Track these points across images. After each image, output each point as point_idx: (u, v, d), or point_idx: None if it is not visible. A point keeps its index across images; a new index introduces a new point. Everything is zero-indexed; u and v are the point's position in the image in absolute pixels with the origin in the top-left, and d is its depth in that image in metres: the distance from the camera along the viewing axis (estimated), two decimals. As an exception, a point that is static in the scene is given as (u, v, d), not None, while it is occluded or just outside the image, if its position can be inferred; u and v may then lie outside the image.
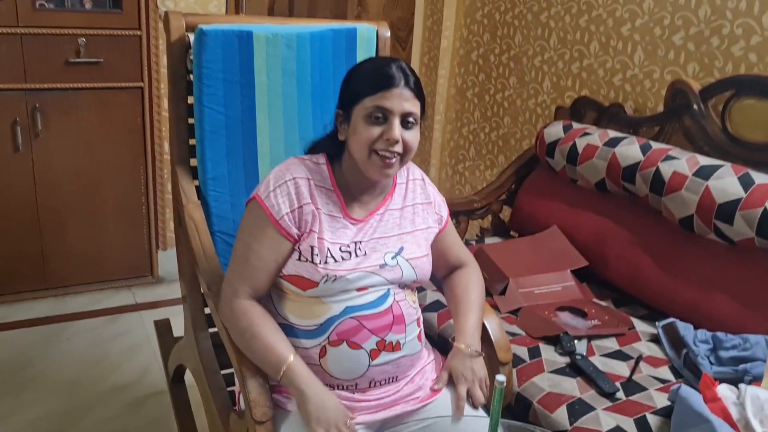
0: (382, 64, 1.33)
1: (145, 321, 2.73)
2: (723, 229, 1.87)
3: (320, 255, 1.30)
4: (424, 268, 1.41)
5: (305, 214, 1.32)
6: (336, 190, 1.37)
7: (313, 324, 1.32)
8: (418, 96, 1.32)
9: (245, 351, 1.31)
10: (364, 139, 1.29)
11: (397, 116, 1.29)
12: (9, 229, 2.72)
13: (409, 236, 1.41)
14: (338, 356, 1.31)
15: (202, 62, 1.65)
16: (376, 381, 1.35)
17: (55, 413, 2.17)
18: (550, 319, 1.97)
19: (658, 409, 1.58)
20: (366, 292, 1.33)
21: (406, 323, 1.36)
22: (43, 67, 2.58)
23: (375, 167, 1.31)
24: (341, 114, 1.36)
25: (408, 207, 1.44)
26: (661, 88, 2.34)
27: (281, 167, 1.37)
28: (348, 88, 1.36)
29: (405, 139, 1.30)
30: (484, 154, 3.31)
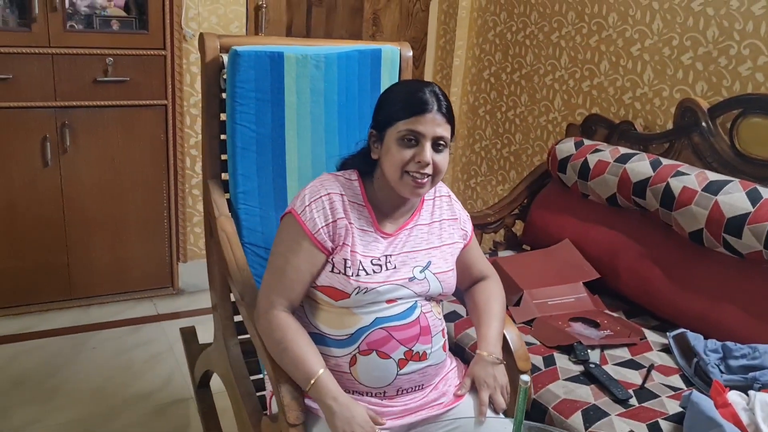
0: (416, 89, 1.38)
1: (166, 331, 2.81)
2: (732, 243, 1.93)
3: (353, 267, 1.36)
4: (449, 282, 1.48)
5: (339, 228, 1.38)
6: (368, 205, 1.44)
7: (344, 334, 1.38)
8: (449, 120, 1.39)
9: (278, 361, 1.37)
10: (397, 161, 1.36)
11: (429, 140, 1.35)
12: (37, 241, 2.80)
13: (437, 251, 1.48)
14: (368, 365, 1.37)
15: (236, 82, 1.73)
16: (402, 389, 1.41)
17: (82, 418, 2.24)
18: (563, 329, 2.03)
19: (670, 415, 1.64)
20: (395, 304, 1.40)
21: (432, 334, 1.43)
22: (72, 85, 2.67)
23: (407, 187, 1.38)
24: (375, 134, 1.43)
25: (435, 222, 1.51)
26: (671, 106, 2.42)
27: (316, 183, 1.44)
28: (382, 109, 1.42)
29: (435, 161, 1.36)
30: (495, 170, 3.39)
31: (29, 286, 2.85)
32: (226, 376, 1.75)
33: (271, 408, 1.51)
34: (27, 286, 2.84)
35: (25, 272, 2.82)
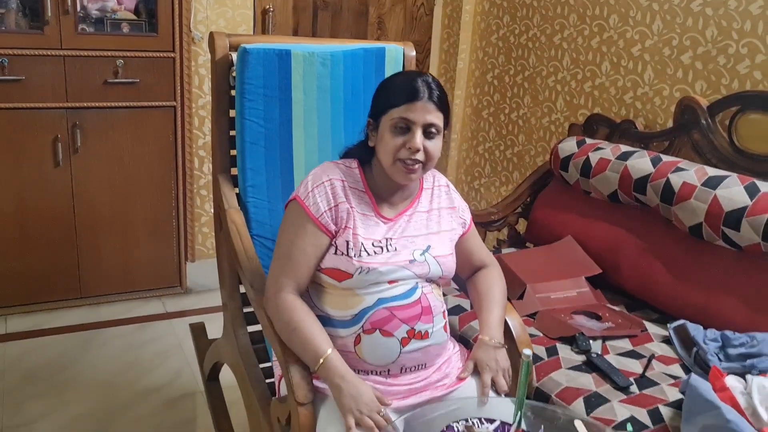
0: (409, 78, 1.45)
1: (175, 328, 2.85)
2: (731, 236, 1.97)
3: (355, 249, 1.42)
4: (449, 266, 1.53)
5: (341, 211, 1.45)
6: (368, 191, 1.50)
7: (348, 314, 1.43)
8: (441, 108, 1.44)
9: (287, 342, 1.41)
10: (389, 147, 1.42)
11: (419, 127, 1.41)
12: (48, 240, 2.85)
13: (436, 236, 1.53)
14: (372, 343, 1.42)
15: (245, 79, 1.78)
16: (406, 367, 1.45)
17: (94, 412, 2.28)
18: (566, 321, 2.07)
19: (671, 402, 1.67)
20: (396, 284, 1.45)
21: (433, 314, 1.48)
22: (83, 86, 2.73)
23: (399, 173, 1.44)
24: (371, 123, 1.50)
25: (434, 210, 1.57)
26: (671, 104, 2.46)
27: (318, 170, 1.50)
28: (378, 99, 1.49)
29: (427, 148, 1.42)
30: (499, 171, 3.43)
31: (40, 285, 2.90)
32: (236, 365, 1.79)
33: (280, 392, 1.55)
34: (38, 285, 2.89)
35: (36, 271, 2.87)
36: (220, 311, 2.00)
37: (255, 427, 1.68)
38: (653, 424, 1.59)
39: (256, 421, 1.65)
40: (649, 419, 1.61)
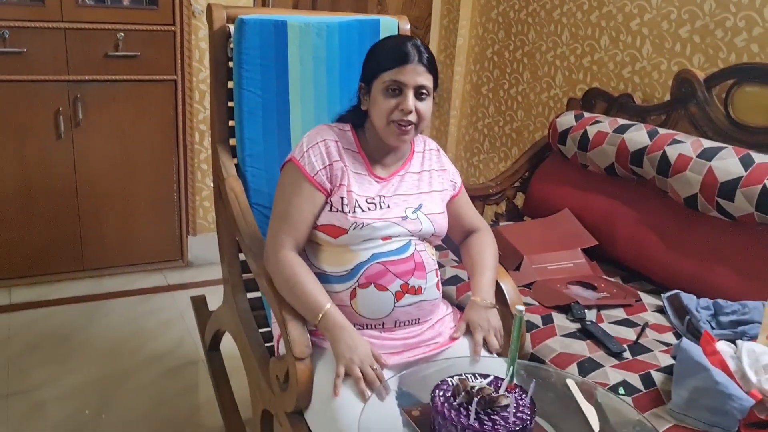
0: (398, 42, 1.50)
1: (176, 300, 2.89)
2: (725, 206, 1.99)
3: (349, 205, 1.47)
4: (440, 224, 1.58)
5: (335, 170, 1.50)
6: (361, 152, 1.55)
7: (344, 270, 1.48)
8: (430, 71, 1.49)
9: (287, 298, 1.46)
10: (382, 109, 1.47)
11: (411, 89, 1.46)
12: (51, 213, 2.88)
13: (427, 196, 1.59)
14: (366, 297, 1.47)
15: (242, 49, 1.81)
16: (400, 321, 1.50)
17: (98, 378, 2.33)
18: (561, 291, 2.10)
19: (662, 367, 1.70)
20: (390, 241, 1.50)
21: (426, 270, 1.52)
22: (84, 59, 2.75)
23: (392, 134, 1.49)
24: (363, 87, 1.54)
25: (425, 172, 1.63)
26: (668, 78, 2.47)
27: (312, 132, 1.55)
28: (369, 63, 1.53)
29: (418, 108, 1.47)
30: (498, 147, 3.45)
31: (43, 257, 2.93)
32: (236, 329, 1.82)
33: (279, 352, 1.58)
34: (41, 257, 2.93)
35: (39, 243, 2.90)
36: (220, 284, 2.04)
37: (255, 390, 1.71)
38: (645, 388, 1.62)
39: (256, 383, 1.68)
40: (641, 383, 1.64)
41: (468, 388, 1.15)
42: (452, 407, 1.13)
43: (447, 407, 1.13)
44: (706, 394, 1.45)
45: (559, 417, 1.28)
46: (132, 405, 2.20)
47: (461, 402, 1.14)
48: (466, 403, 1.13)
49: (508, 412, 1.12)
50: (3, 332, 2.57)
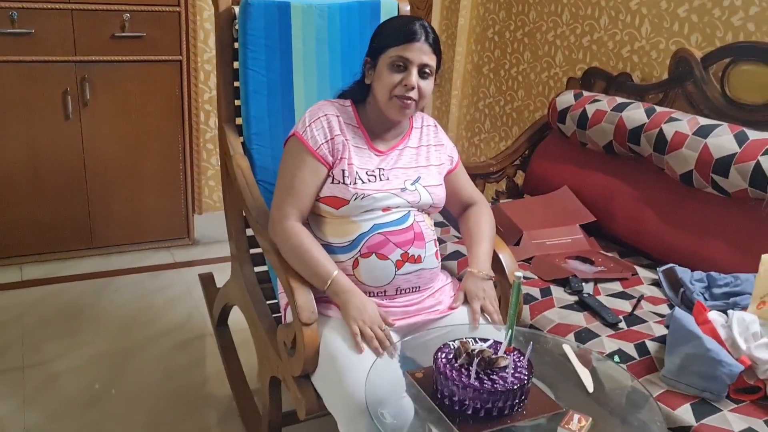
0: (408, 21, 1.56)
1: (184, 277, 2.95)
2: (719, 182, 2.04)
3: (350, 177, 1.54)
4: (438, 195, 1.65)
5: (337, 144, 1.56)
6: (361, 127, 1.62)
7: (346, 240, 1.55)
8: (435, 51, 1.55)
9: (295, 266, 1.52)
10: (387, 83, 1.53)
11: (415, 66, 1.52)
12: (59, 192, 2.94)
13: (425, 169, 1.66)
14: (368, 266, 1.54)
15: (247, 30, 1.86)
16: (401, 289, 1.57)
17: (109, 352, 2.40)
18: (560, 265, 2.16)
19: (657, 337, 1.76)
20: (390, 212, 1.56)
21: (425, 240, 1.59)
22: (91, 40, 2.79)
23: (394, 108, 1.55)
24: (369, 61, 1.60)
25: (423, 147, 1.69)
26: (666, 57, 2.51)
27: (314, 107, 1.62)
28: (377, 38, 1.60)
29: (420, 86, 1.54)
30: (498, 127, 3.50)
31: (53, 235, 2.99)
32: (244, 302, 1.88)
33: (286, 321, 1.65)
34: (51, 235, 2.99)
35: (48, 222, 2.96)
36: (226, 262, 2.10)
37: (263, 358, 1.78)
38: (639, 357, 1.68)
39: (264, 351, 1.75)
40: (636, 352, 1.70)
41: (469, 350, 1.21)
42: (454, 368, 1.19)
43: (449, 368, 1.19)
44: (698, 360, 1.51)
45: (556, 379, 1.34)
46: (143, 377, 2.27)
47: (462, 363, 1.20)
48: (467, 365, 1.19)
49: (506, 373, 1.18)
50: (16, 308, 2.64)
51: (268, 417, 1.75)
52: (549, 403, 1.23)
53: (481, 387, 1.15)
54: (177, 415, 2.10)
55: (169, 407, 2.13)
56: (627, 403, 1.39)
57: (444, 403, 1.19)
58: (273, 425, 1.76)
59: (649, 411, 1.28)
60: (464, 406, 1.16)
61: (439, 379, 1.19)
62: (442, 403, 1.19)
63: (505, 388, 1.15)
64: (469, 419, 1.16)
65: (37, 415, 2.06)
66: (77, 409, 2.10)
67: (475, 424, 1.15)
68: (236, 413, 2.11)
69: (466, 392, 1.15)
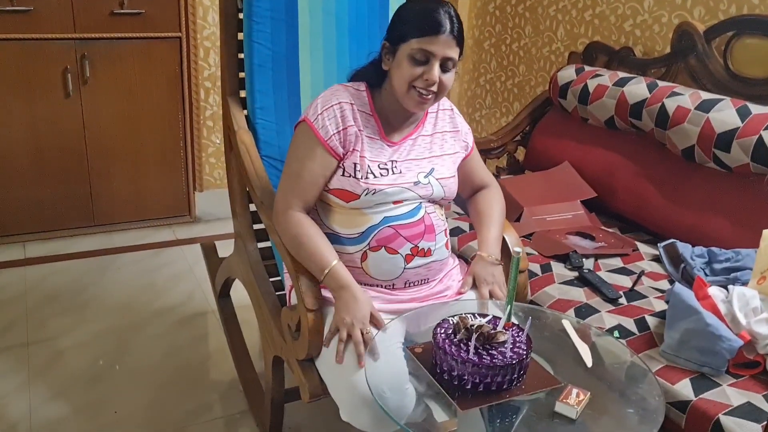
0: (432, 9, 1.44)
1: (186, 255, 2.97)
2: (721, 157, 2.04)
3: (362, 171, 1.49)
4: (451, 188, 1.60)
5: (349, 135, 1.50)
6: (374, 115, 1.55)
7: (356, 232, 1.52)
8: (459, 43, 1.46)
9: (295, 255, 1.50)
10: (406, 75, 1.45)
11: (438, 60, 1.43)
12: (60, 170, 2.94)
13: (439, 159, 1.60)
14: (377, 260, 1.51)
15: (252, 1, 1.83)
16: (410, 282, 1.55)
17: (112, 329, 2.42)
18: (560, 241, 2.16)
19: (656, 312, 1.77)
20: (401, 205, 1.52)
21: (436, 232, 1.56)
22: (90, 17, 2.77)
23: (412, 101, 1.48)
24: (388, 46, 1.50)
25: (438, 134, 1.62)
26: (669, 31, 2.49)
27: (327, 93, 1.54)
28: (398, 25, 1.49)
29: (442, 80, 1.45)
30: (500, 102, 3.48)
31: (55, 213, 3.00)
32: (247, 279, 1.89)
33: (290, 302, 1.65)
34: (53, 214, 3.00)
35: (50, 200, 2.97)
36: (228, 239, 2.10)
37: (266, 337, 1.79)
38: (639, 332, 1.69)
39: (268, 331, 1.76)
40: (636, 327, 1.71)
41: (468, 325, 1.22)
42: (453, 343, 1.20)
43: (448, 343, 1.20)
44: (697, 335, 1.52)
45: (555, 354, 1.35)
46: (146, 353, 2.29)
47: (461, 339, 1.21)
48: (466, 340, 1.20)
49: (505, 348, 1.19)
50: (20, 285, 2.66)
51: (271, 395, 1.76)
52: (548, 378, 1.24)
53: (479, 362, 1.16)
54: (180, 391, 2.12)
55: (173, 383, 2.16)
56: (626, 377, 1.40)
57: (443, 378, 1.20)
58: (276, 402, 1.78)
59: (648, 385, 1.29)
60: (463, 381, 1.17)
61: (438, 354, 1.20)
62: (441, 378, 1.20)
63: (503, 362, 1.16)
64: (468, 394, 1.17)
65: (42, 391, 2.08)
66: (82, 385, 2.12)
67: (473, 398, 1.16)
68: (239, 389, 2.13)
69: (464, 367, 1.16)
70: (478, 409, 1.16)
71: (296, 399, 1.75)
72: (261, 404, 1.96)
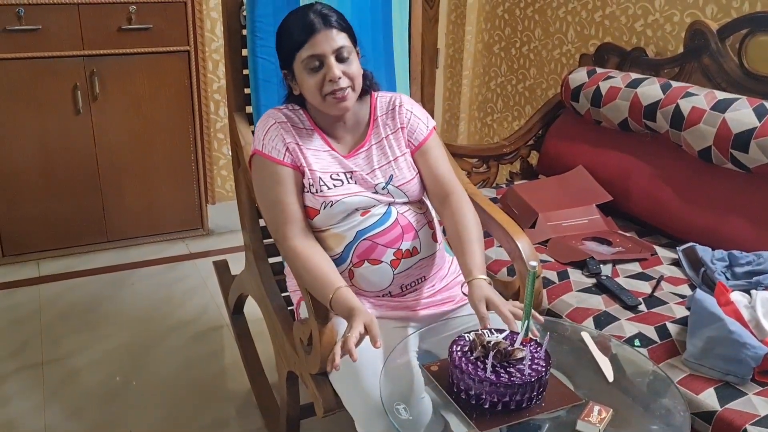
0: (299, 15, 1.44)
1: (199, 268, 2.96)
2: (739, 158, 2.00)
3: (315, 185, 1.46)
4: (413, 190, 1.54)
5: (292, 152, 1.47)
6: (316, 129, 1.52)
7: (336, 253, 1.49)
8: (342, 29, 1.44)
9: (302, 284, 1.46)
10: (312, 87, 1.43)
11: (330, 56, 1.41)
12: (73, 187, 2.95)
13: (395, 163, 1.53)
14: (364, 274, 1.49)
15: (255, 17, 1.82)
16: (405, 285, 1.52)
17: (128, 345, 2.41)
18: (577, 247, 2.12)
19: (678, 319, 1.73)
20: (369, 214, 1.49)
21: (416, 229, 1.52)
22: (98, 34, 2.77)
23: (332, 106, 1.45)
24: (286, 73, 1.50)
25: (383, 140, 1.55)
26: (681, 30, 2.45)
27: (262, 118, 1.53)
28: (281, 47, 1.48)
29: (346, 71, 1.42)
30: (511, 106, 3.45)
31: (68, 230, 3.01)
32: (258, 294, 1.88)
33: (299, 315, 1.63)
34: (66, 230, 3.00)
35: (63, 217, 2.98)
36: (241, 251, 2.08)
37: (280, 352, 1.77)
38: (660, 340, 1.65)
39: (281, 346, 1.74)
40: (657, 335, 1.67)
41: (484, 342, 1.19)
42: (469, 361, 1.17)
43: (464, 361, 1.17)
44: (721, 343, 1.48)
45: (575, 368, 1.32)
46: (161, 369, 2.28)
47: (478, 356, 1.18)
48: (483, 357, 1.17)
49: (523, 365, 1.16)
50: (34, 303, 2.66)
51: (286, 411, 1.74)
52: (568, 395, 1.21)
53: (497, 380, 1.13)
54: (196, 407, 2.11)
55: (188, 399, 2.14)
56: (649, 389, 1.36)
57: (461, 398, 1.17)
58: (291, 419, 1.76)
59: (672, 399, 1.25)
60: (481, 400, 1.14)
61: (455, 373, 1.17)
62: (458, 397, 1.17)
63: (522, 381, 1.13)
64: (487, 413, 1.14)
65: (57, 410, 2.07)
66: (97, 402, 2.11)
67: (492, 418, 1.13)
68: (255, 405, 2.11)
69: (482, 386, 1.13)
70: (498, 430, 1.13)
71: (312, 415, 1.73)
72: (277, 420, 1.95)
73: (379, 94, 1.61)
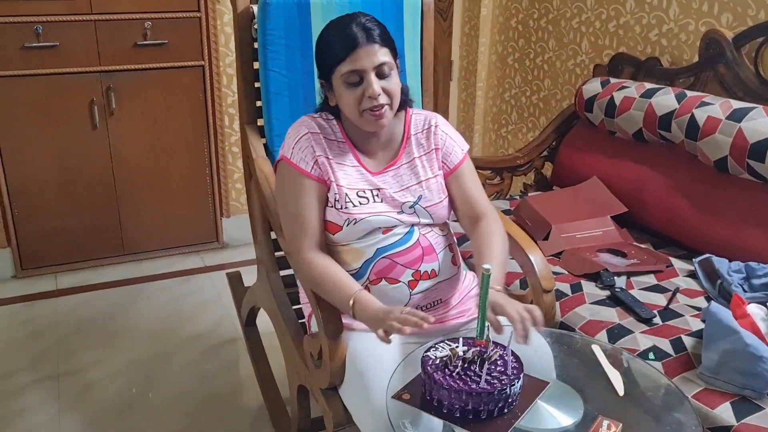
0: (342, 28, 1.41)
1: (214, 281, 2.97)
2: (756, 168, 1.97)
3: (340, 200, 1.45)
4: (440, 213, 1.52)
5: (320, 164, 1.46)
6: (347, 141, 1.51)
7: (354, 268, 1.47)
8: (385, 44, 1.41)
9: (320, 294, 1.44)
10: (350, 102, 1.41)
11: (371, 72, 1.39)
12: (90, 201, 2.98)
13: (426, 184, 1.52)
14: (380, 292, 1.45)
15: (266, 30, 1.83)
16: (420, 306, 1.49)
17: (142, 358, 2.42)
18: (591, 258, 2.10)
19: (693, 332, 1.70)
20: (391, 233, 1.47)
21: (436, 252, 1.50)
22: (114, 50, 2.82)
23: (369, 122, 1.43)
24: (323, 83, 1.48)
25: (415, 160, 1.54)
26: (696, 40, 2.43)
27: (295, 125, 1.51)
28: (320, 59, 1.46)
29: (386, 88, 1.40)
30: (526, 117, 3.43)
31: (85, 244, 3.04)
32: (270, 307, 1.88)
33: (311, 328, 1.63)
34: (82, 244, 3.04)
35: (80, 231, 3.01)
36: (255, 264, 2.09)
37: (291, 366, 1.77)
38: (675, 353, 1.62)
39: (292, 360, 1.74)
40: (672, 348, 1.64)
41: (457, 354, 1.18)
42: (440, 376, 1.17)
43: (438, 377, 1.16)
44: (737, 356, 1.45)
45: (585, 382, 1.30)
46: (176, 382, 2.29)
47: (443, 368, 1.17)
48: (453, 367, 1.17)
49: (492, 369, 1.16)
50: (51, 317, 2.68)
51: (297, 424, 1.74)
52: (536, 384, 1.21)
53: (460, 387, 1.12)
54: (209, 420, 2.11)
55: (202, 412, 2.14)
56: (662, 403, 1.34)
57: (455, 417, 1.14)
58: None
59: (685, 414, 1.23)
60: (465, 411, 1.13)
61: (435, 388, 1.15)
62: (452, 417, 1.15)
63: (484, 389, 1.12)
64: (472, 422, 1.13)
65: (72, 423, 2.09)
66: (112, 415, 2.12)
67: (486, 425, 1.12)
68: (267, 418, 2.11)
69: (455, 396, 1.12)
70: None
71: (323, 429, 1.73)
72: (289, 434, 1.94)
73: (414, 111, 1.59)
